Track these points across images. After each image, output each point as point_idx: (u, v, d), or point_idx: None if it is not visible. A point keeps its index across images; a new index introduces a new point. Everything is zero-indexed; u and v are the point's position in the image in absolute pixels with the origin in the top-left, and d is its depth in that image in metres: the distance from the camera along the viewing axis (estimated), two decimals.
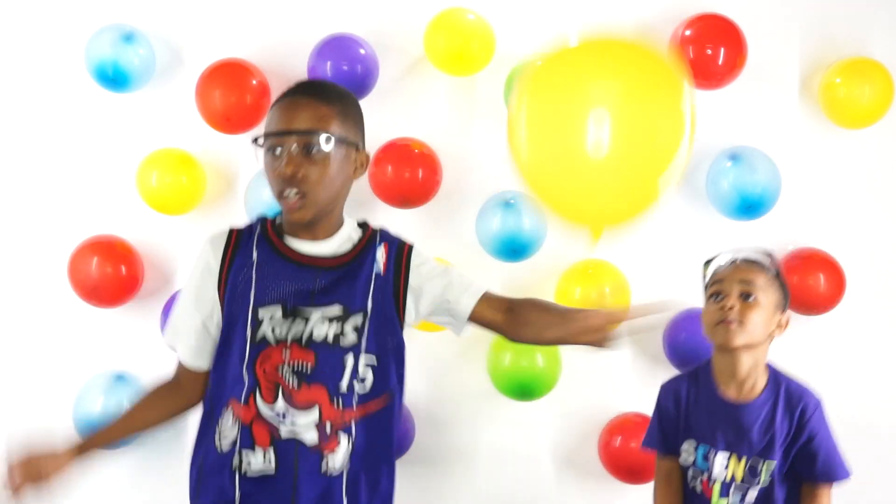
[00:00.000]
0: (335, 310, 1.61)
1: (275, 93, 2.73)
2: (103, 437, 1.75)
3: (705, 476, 1.96)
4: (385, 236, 1.77)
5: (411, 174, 2.62)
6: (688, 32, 2.66)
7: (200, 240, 2.77)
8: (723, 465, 1.95)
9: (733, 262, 2.01)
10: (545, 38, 2.77)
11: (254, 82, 2.66)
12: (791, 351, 2.80)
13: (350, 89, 2.59)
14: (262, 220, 1.74)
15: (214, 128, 2.68)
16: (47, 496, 1.67)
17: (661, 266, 2.74)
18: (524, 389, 2.59)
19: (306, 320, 1.60)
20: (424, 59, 2.71)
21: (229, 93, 2.63)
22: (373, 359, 1.64)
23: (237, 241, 1.69)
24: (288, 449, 1.57)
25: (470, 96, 2.79)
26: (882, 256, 2.83)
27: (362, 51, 2.65)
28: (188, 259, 2.80)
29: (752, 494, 1.94)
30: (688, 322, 2.67)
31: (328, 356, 1.59)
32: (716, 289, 2.00)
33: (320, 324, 1.59)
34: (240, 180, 2.76)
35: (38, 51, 2.81)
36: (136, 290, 2.73)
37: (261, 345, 1.59)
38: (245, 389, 1.59)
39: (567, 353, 2.58)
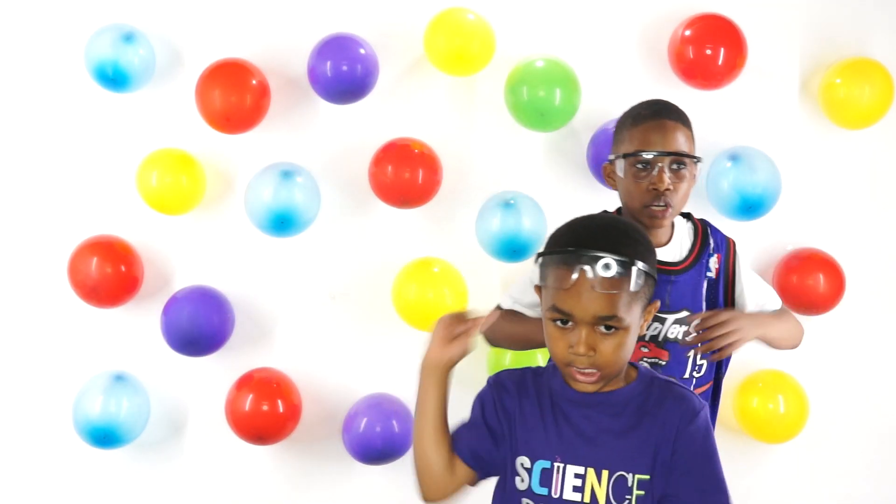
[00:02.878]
0: (683, 314, 1.88)
1: (275, 93, 2.73)
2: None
3: None
4: (715, 242, 1.99)
5: (411, 174, 2.62)
6: (688, 32, 2.66)
7: (200, 240, 2.80)
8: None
9: (580, 274, 1.39)
10: (545, 38, 2.79)
11: (254, 82, 2.66)
12: (790, 351, 2.80)
13: (350, 89, 2.63)
14: None
15: (214, 128, 2.68)
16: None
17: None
18: None
19: (662, 322, 1.87)
20: (424, 59, 2.71)
21: (229, 93, 2.63)
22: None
23: None
24: None
25: (470, 96, 2.79)
26: (882, 256, 2.83)
27: (362, 51, 2.65)
28: (188, 259, 2.80)
29: None
30: None
31: (678, 353, 1.87)
32: (559, 316, 1.42)
33: (672, 325, 1.87)
34: (239, 180, 2.76)
35: (38, 51, 2.81)
36: (135, 290, 2.73)
37: None
38: None
39: None
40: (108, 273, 2.66)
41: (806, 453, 2.78)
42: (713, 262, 1.92)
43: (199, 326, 2.62)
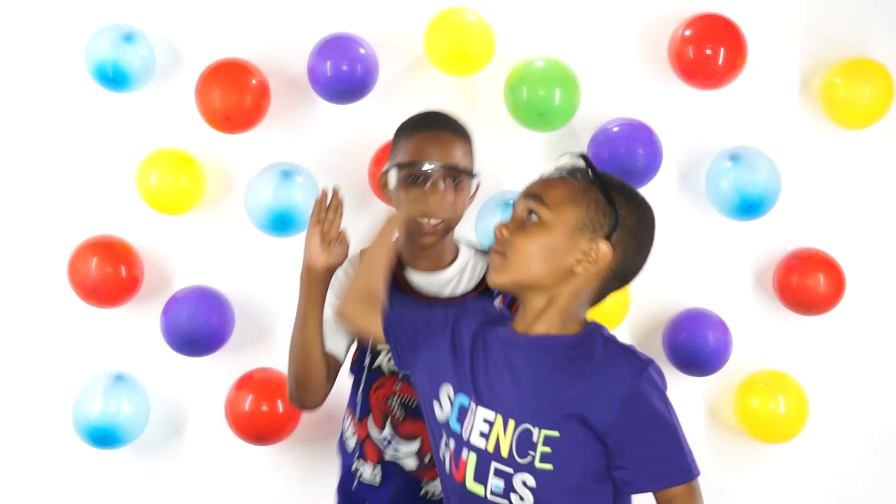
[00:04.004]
0: None
1: (275, 93, 2.73)
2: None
3: None
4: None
5: None
6: (688, 32, 2.66)
7: (200, 240, 2.80)
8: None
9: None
10: (545, 38, 2.79)
11: (254, 82, 2.66)
12: (790, 351, 2.81)
13: (350, 89, 2.63)
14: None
15: (214, 128, 2.68)
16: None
17: (660, 266, 2.73)
18: None
19: None
20: (424, 59, 2.71)
21: (229, 92, 2.63)
22: None
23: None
24: (390, 470, 1.75)
25: (470, 96, 2.79)
26: (882, 256, 2.83)
27: (362, 51, 2.65)
28: (188, 259, 2.80)
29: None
30: (688, 322, 2.67)
31: None
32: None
33: None
34: (239, 180, 2.75)
35: (38, 51, 2.81)
36: (135, 291, 2.73)
37: (375, 373, 1.76)
38: (359, 411, 1.78)
39: None
40: (108, 273, 2.66)
41: (806, 453, 2.78)
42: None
43: (199, 326, 2.62)
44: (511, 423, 1.35)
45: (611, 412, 1.31)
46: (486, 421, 1.38)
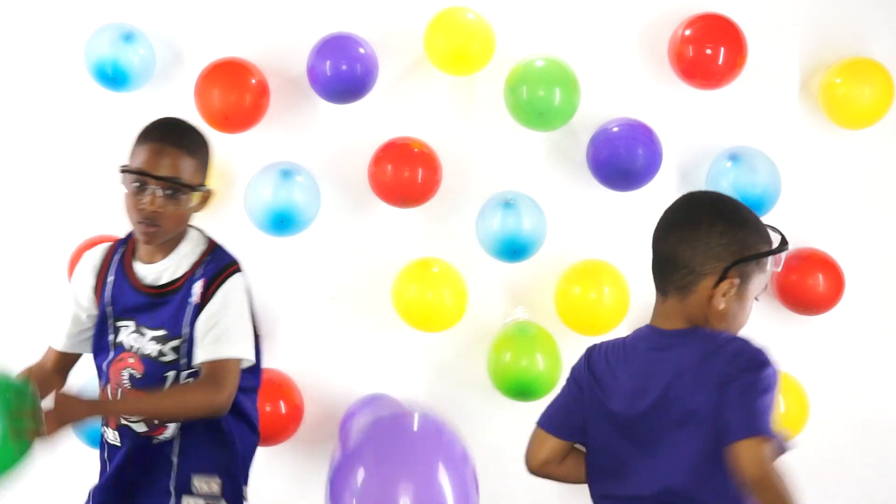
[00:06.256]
0: (160, 331, 1.89)
1: (274, 92, 2.73)
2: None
3: None
4: (207, 268, 1.92)
5: (411, 174, 2.62)
6: (688, 32, 2.66)
7: None
8: None
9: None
10: (545, 38, 2.79)
11: (253, 82, 2.66)
12: (791, 351, 2.81)
13: (350, 89, 2.63)
14: (128, 238, 1.99)
15: (213, 127, 2.67)
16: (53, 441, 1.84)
17: None
18: (524, 390, 2.59)
19: (143, 336, 1.90)
20: (424, 59, 2.71)
21: (228, 92, 2.63)
22: (193, 373, 1.89)
23: (113, 253, 1.99)
24: (125, 432, 1.93)
25: (470, 96, 2.79)
26: (882, 256, 2.83)
27: (362, 50, 2.65)
28: None
29: None
30: None
31: (153, 369, 1.89)
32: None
33: (148, 341, 1.90)
34: (239, 180, 2.75)
35: (38, 50, 2.81)
36: None
37: (119, 347, 1.92)
38: (103, 382, 1.96)
39: (567, 353, 2.58)
40: None
41: (805, 453, 2.77)
42: (197, 287, 1.88)
43: None
44: None
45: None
46: None
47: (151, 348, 1.89)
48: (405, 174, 2.61)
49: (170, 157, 1.85)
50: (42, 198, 2.81)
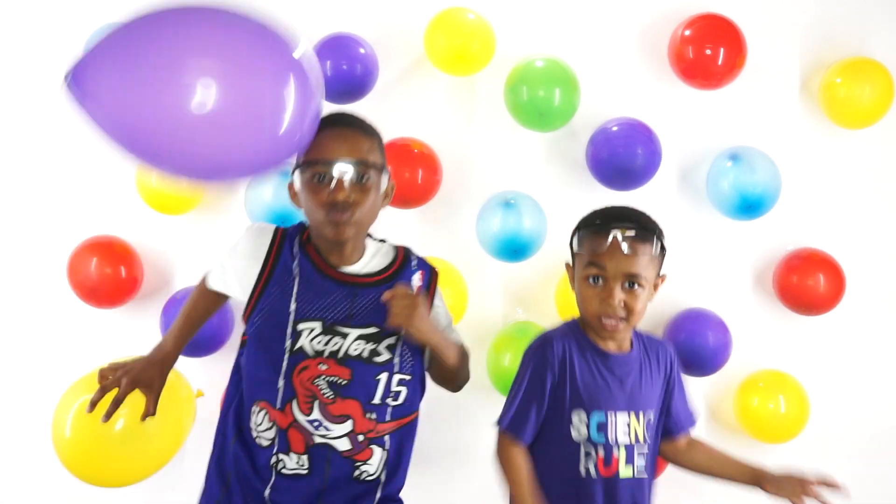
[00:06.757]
0: (371, 329, 1.70)
1: None
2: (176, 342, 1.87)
3: (601, 450, 1.75)
4: (419, 262, 1.84)
5: (411, 174, 2.62)
6: (688, 32, 2.66)
7: (200, 240, 2.80)
8: (625, 427, 1.77)
9: (613, 240, 1.76)
10: (545, 38, 2.79)
11: None
12: (791, 351, 2.81)
13: (350, 89, 2.63)
14: (301, 229, 1.79)
15: None
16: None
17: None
18: None
19: (344, 336, 1.68)
20: (424, 59, 2.71)
21: None
22: (406, 377, 1.74)
23: (281, 241, 1.76)
24: (321, 454, 1.67)
25: (470, 96, 2.79)
26: (882, 256, 2.83)
27: (362, 50, 2.65)
28: (188, 259, 2.80)
29: (643, 455, 1.81)
30: (688, 322, 2.67)
31: (363, 372, 1.68)
32: (594, 272, 1.78)
33: (356, 341, 1.68)
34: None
35: (38, 51, 2.81)
36: (135, 291, 2.73)
37: (298, 355, 1.67)
38: (281, 397, 1.67)
39: None
40: (108, 273, 2.66)
41: (806, 453, 2.78)
42: (416, 279, 1.76)
43: None
44: (641, 414, 1.80)
45: (673, 381, 1.89)
46: (625, 419, 1.78)
47: (360, 348, 1.68)
48: (405, 175, 2.61)
49: (356, 141, 1.69)
50: (42, 198, 2.82)
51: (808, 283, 2.67)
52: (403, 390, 1.73)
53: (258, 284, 1.72)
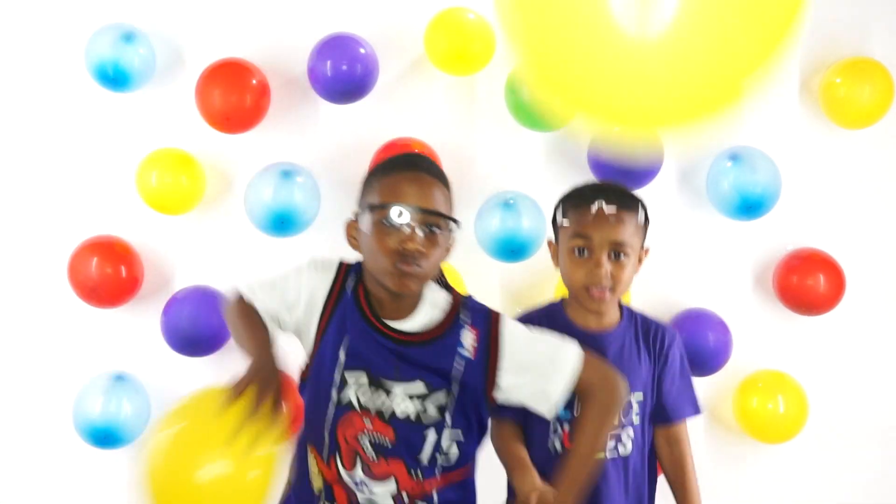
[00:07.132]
0: (418, 386, 1.61)
1: (275, 92, 2.73)
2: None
3: (566, 426, 1.76)
4: (474, 316, 1.68)
5: None
6: None
7: (200, 240, 2.80)
8: None
9: (599, 209, 1.76)
10: None
11: (254, 82, 2.66)
12: (790, 351, 2.81)
13: (350, 89, 2.63)
14: (358, 274, 1.69)
15: (214, 127, 2.68)
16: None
17: (660, 266, 2.73)
18: None
19: (388, 393, 1.60)
20: (424, 59, 2.71)
21: (229, 92, 2.63)
22: (458, 433, 1.64)
23: (343, 282, 1.68)
24: None
25: (470, 96, 2.79)
26: (882, 256, 2.83)
27: (362, 50, 2.65)
28: (188, 259, 2.80)
29: (627, 437, 1.81)
30: (688, 322, 2.67)
31: (408, 432, 1.60)
32: (580, 243, 1.78)
33: (402, 400, 1.60)
34: (239, 180, 2.76)
35: (38, 51, 2.81)
36: (135, 291, 2.73)
37: (345, 408, 1.61)
38: (326, 451, 1.63)
39: None
40: (108, 273, 2.66)
41: (806, 453, 2.78)
42: (468, 338, 1.63)
43: (199, 327, 2.62)
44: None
45: (666, 364, 1.89)
46: None
47: (408, 408, 1.60)
48: None
49: (435, 189, 1.61)
50: (42, 198, 2.82)
51: (808, 283, 2.67)
52: (454, 448, 1.64)
53: (321, 322, 1.65)
